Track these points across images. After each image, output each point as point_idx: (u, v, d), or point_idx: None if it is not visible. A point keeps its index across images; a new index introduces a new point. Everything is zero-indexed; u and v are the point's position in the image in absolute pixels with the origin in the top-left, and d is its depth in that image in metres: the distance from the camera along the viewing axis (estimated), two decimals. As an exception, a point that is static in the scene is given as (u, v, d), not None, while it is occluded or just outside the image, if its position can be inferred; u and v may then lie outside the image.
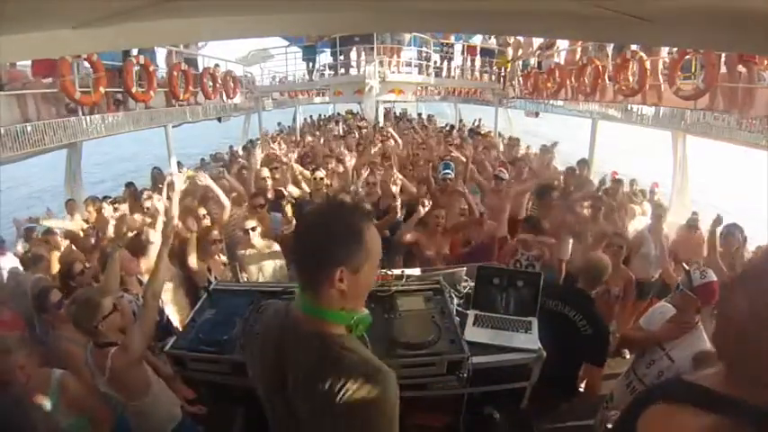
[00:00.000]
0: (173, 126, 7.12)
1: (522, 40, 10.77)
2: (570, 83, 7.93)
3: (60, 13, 1.04)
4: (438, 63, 12.22)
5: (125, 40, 1.84)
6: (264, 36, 5.77)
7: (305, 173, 4.81)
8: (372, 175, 4.31)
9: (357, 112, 13.50)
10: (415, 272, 2.62)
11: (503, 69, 11.64)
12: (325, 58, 11.72)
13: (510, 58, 11.58)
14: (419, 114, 14.79)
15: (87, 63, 5.18)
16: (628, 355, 2.77)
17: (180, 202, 3.78)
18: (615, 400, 2.27)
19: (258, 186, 4.28)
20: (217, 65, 9.42)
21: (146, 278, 2.79)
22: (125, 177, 8.19)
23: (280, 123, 13.49)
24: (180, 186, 2.89)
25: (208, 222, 3.58)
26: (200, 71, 8.25)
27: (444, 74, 12.37)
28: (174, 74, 6.99)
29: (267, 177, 4.33)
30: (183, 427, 2.01)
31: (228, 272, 3.36)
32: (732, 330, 0.63)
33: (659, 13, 1.12)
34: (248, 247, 3.26)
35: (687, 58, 5.09)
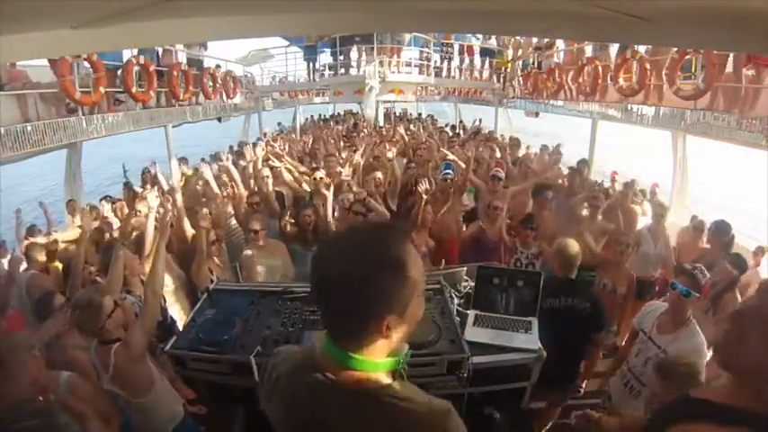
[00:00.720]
0: (173, 126, 7.12)
1: (522, 40, 10.77)
2: (567, 84, 7.93)
3: (60, 13, 1.04)
4: (438, 63, 12.22)
5: (125, 40, 1.84)
6: (264, 36, 5.77)
7: (304, 174, 4.82)
8: (373, 176, 4.33)
9: (357, 112, 13.50)
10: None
11: (503, 69, 11.64)
12: (325, 58, 11.74)
13: (510, 58, 11.58)
14: (419, 114, 14.78)
15: (87, 63, 5.18)
16: None
17: (178, 203, 3.81)
18: (614, 400, 2.27)
19: (258, 186, 4.28)
20: (218, 65, 9.43)
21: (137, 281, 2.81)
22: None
23: (280, 123, 13.49)
24: (175, 181, 2.89)
25: (206, 224, 3.57)
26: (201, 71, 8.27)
27: (444, 74, 12.37)
28: (174, 74, 6.99)
29: (267, 177, 4.33)
30: (185, 426, 2.01)
31: (228, 272, 3.35)
32: (744, 349, 0.64)
33: (659, 13, 1.12)
34: (255, 247, 3.26)
35: (687, 58, 5.09)
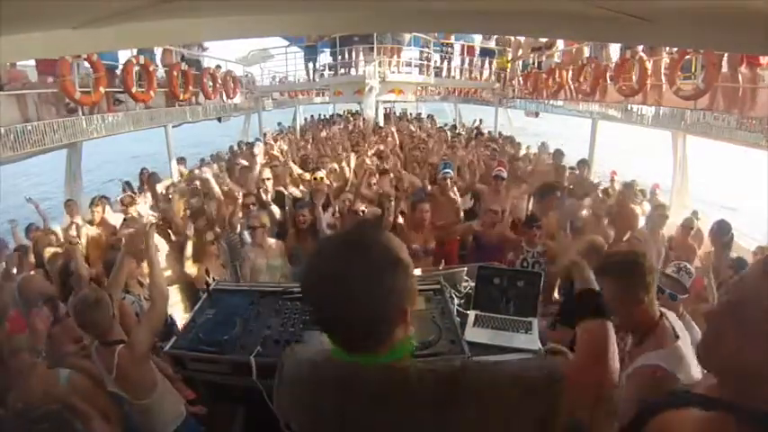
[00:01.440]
0: (173, 126, 7.12)
1: (523, 40, 10.77)
2: (567, 84, 7.94)
3: (60, 13, 1.04)
4: (438, 63, 12.22)
5: (125, 40, 1.84)
6: (264, 36, 5.77)
7: (303, 175, 4.83)
8: (372, 176, 4.33)
9: (356, 112, 13.52)
10: (416, 272, 2.61)
11: (504, 69, 11.64)
12: (325, 58, 11.74)
13: (510, 58, 11.58)
14: (419, 114, 14.79)
15: (87, 63, 5.19)
16: None
17: (178, 202, 3.82)
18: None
19: (259, 186, 4.28)
20: (218, 65, 9.43)
21: (144, 280, 2.80)
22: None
23: (280, 123, 13.49)
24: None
25: (203, 223, 3.58)
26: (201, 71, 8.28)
27: (444, 74, 12.37)
28: (174, 74, 6.99)
29: (267, 179, 4.33)
30: (187, 426, 2.01)
31: (226, 272, 3.35)
32: (724, 349, 0.65)
33: (659, 13, 1.12)
34: (255, 246, 3.26)
35: (687, 58, 5.09)
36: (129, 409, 1.87)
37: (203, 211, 3.72)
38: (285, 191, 4.45)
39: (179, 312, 3.03)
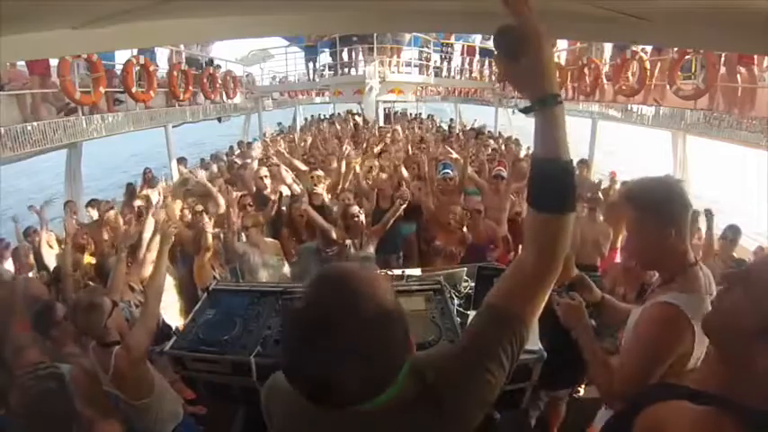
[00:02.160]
0: (173, 126, 7.12)
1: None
2: (567, 84, 7.93)
3: (60, 13, 1.04)
4: (438, 63, 12.21)
5: (125, 40, 1.83)
6: (264, 36, 5.77)
7: (303, 174, 4.83)
8: (372, 176, 4.35)
9: (356, 112, 13.52)
10: (416, 272, 2.62)
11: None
12: (325, 58, 11.74)
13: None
14: (419, 114, 14.79)
15: (87, 63, 5.18)
16: None
17: (177, 201, 3.81)
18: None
19: (257, 186, 4.28)
20: (218, 65, 9.43)
21: (136, 285, 2.80)
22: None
23: (280, 123, 13.49)
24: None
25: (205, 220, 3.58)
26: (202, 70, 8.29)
27: (444, 74, 12.37)
28: (174, 74, 6.99)
29: (265, 177, 4.33)
30: (185, 426, 2.01)
31: (226, 272, 3.35)
32: (720, 309, 0.70)
33: (659, 13, 1.12)
34: (251, 244, 3.26)
35: (687, 58, 5.09)
36: (127, 410, 1.87)
37: (203, 210, 3.72)
38: (282, 190, 4.43)
39: (175, 314, 3.03)
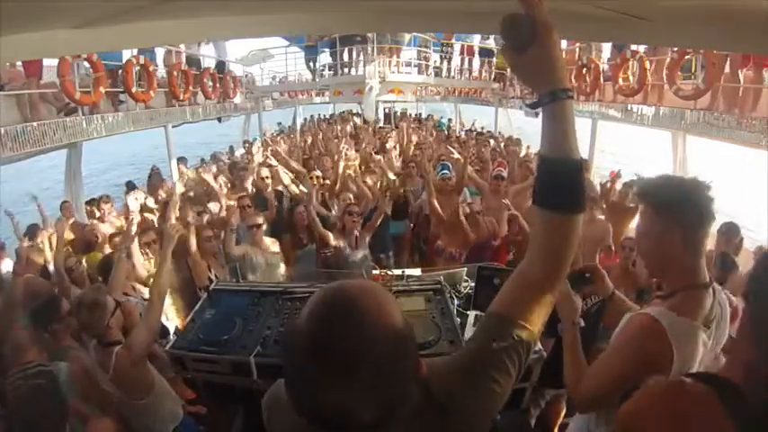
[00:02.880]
0: (173, 126, 7.12)
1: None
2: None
3: (60, 13, 1.04)
4: (438, 63, 12.21)
5: (125, 40, 1.83)
6: (264, 36, 5.77)
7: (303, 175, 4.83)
8: (369, 176, 4.36)
9: (356, 112, 13.52)
10: (416, 272, 2.62)
11: (503, 69, 11.63)
12: (325, 58, 11.73)
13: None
14: (419, 114, 14.79)
15: (87, 63, 5.18)
16: None
17: (179, 199, 3.81)
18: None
19: (257, 187, 4.28)
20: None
21: (136, 284, 2.81)
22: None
23: (280, 123, 13.49)
24: (179, 188, 2.89)
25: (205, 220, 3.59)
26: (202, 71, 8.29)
27: (444, 74, 12.37)
28: (174, 74, 6.99)
29: (266, 177, 4.33)
30: (185, 426, 2.01)
31: (225, 271, 3.35)
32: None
33: (659, 13, 1.12)
34: (252, 243, 3.26)
35: (687, 57, 5.09)
36: (126, 409, 1.86)
37: (203, 210, 3.72)
38: (282, 190, 4.44)
39: (173, 314, 3.04)
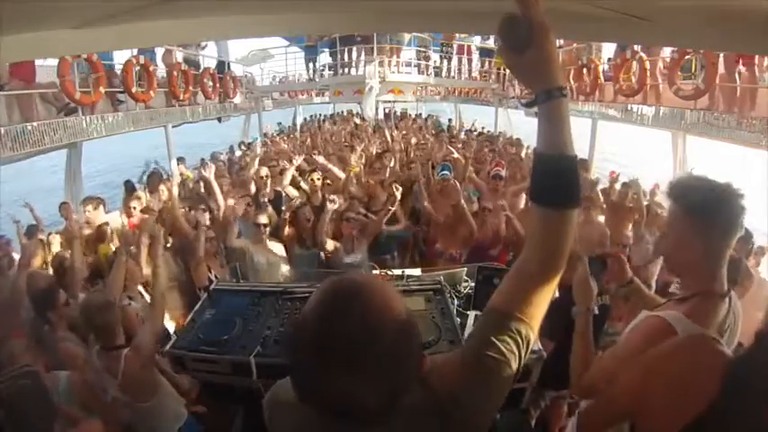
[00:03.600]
0: (173, 126, 7.12)
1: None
2: (567, 84, 7.93)
3: (60, 13, 1.04)
4: (437, 63, 12.21)
5: (125, 40, 1.84)
6: (264, 36, 5.77)
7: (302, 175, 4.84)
8: (368, 177, 4.36)
9: (356, 112, 13.53)
10: (416, 272, 2.62)
11: (503, 69, 11.63)
12: (325, 58, 11.74)
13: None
14: (419, 114, 14.79)
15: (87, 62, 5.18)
16: None
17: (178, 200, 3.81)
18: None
19: (257, 186, 4.28)
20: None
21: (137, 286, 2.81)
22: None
23: (280, 123, 13.49)
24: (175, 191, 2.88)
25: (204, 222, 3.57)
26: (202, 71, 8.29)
27: (444, 74, 12.37)
28: (174, 74, 6.99)
29: (266, 177, 4.32)
30: (186, 426, 2.01)
31: (226, 271, 3.35)
32: None
33: (659, 13, 1.12)
34: (258, 242, 3.26)
35: (687, 58, 5.09)
36: (133, 412, 1.86)
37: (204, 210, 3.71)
38: (282, 191, 4.43)
39: (176, 312, 3.03)
